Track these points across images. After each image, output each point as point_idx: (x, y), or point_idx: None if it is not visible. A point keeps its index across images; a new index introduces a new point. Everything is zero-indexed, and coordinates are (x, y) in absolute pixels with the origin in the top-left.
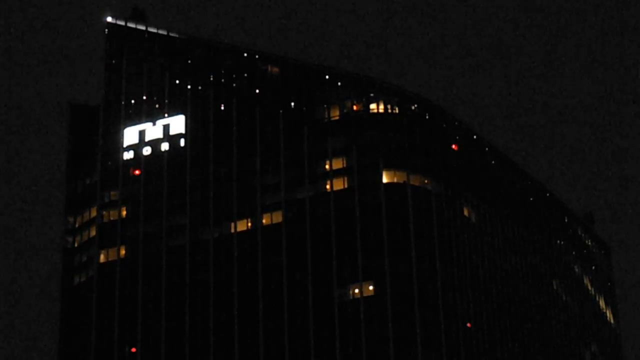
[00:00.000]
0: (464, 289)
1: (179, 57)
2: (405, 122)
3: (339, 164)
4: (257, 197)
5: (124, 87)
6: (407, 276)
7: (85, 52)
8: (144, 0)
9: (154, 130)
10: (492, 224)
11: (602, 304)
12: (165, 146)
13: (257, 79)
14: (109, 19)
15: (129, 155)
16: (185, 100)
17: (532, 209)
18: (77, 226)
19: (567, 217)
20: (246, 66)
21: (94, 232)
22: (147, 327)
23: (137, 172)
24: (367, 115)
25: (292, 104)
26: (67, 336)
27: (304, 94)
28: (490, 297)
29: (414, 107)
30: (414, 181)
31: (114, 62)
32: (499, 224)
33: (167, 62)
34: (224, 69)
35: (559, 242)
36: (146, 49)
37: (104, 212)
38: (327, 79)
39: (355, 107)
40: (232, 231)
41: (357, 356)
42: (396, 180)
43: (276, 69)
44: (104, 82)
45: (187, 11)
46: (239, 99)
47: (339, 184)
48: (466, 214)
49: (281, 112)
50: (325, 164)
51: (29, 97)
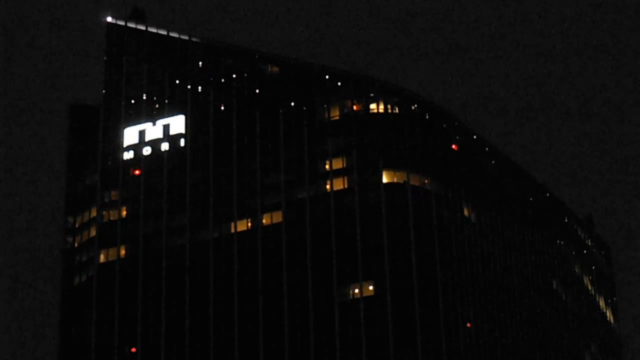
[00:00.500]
0: (464, 289)
1: (179, 57)
2: (405, 122)
3: (339, 164)
4: (257, 197)
5: (124, 87)
6: (407, 276)
7: (85, 52)
8: (144, 0)
9: (154, 130)
10: (492, 223)
11: (602, 304)
12: (165, 146)
13: (257, 79)
14: (109, 19)
15: (129, 155)
16: (185, 100)
17: (532, 209)
18: (77, 226)
19: (567, 217)
20: (246, 66)
21: (94, 232)
22: (147, 327)
23: (137, 172)
24: (367, 115)
25: (292, 104)
26: (67, 336)
27: (304, 94)
28: (490, 297)
29: (414, 107)
30: (414, 181)
31: (114, 62)
32: (499, 224)
33: (167, 62)
34: (224, 69)
35: (559, 242)
36: (146, 49)
37: (104, 212)
38: (327, 79)
39: (355, 107)
40: (232, 231)
41: (357, 356)
42: (396, 180)
43: (276, 69)
44: (104, 82)
45: (187, 11)
46: (239, 99)
47: (339, 184)
48: (466, 214)
49: (281, 112)
50: (325, 164)
51: (29, 97)
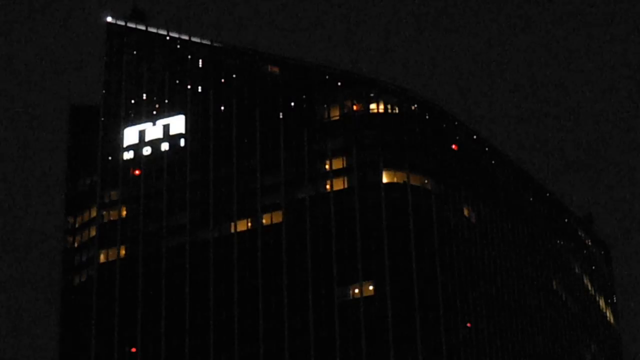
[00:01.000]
0: (464, 289)
1: (179, 57)
2: (405, 122)
3: (339, 164)
4: (257, 197)
5: (124, 87)
6: (407, 276)
7: (85, 52)
8: (143, 0)
9: (154, 130)
10: (492, 224)
11: (602, 304)
12: (165, 146)
13: (257, 79)
14: (109, 19)
15: (129, 155)
16: (185, 100)
17: (532, 209)
18: (77, 226)
19: (567, 217)
20: (246, 66)
21: (94, 232)
22: (147, 327)
23: (137, 172)
24: (367, 115)
25: (292, 104)
26: (67, 336)
27: (304, 94)
28: (490, 297)
29: (414, 107)
30: (414, 181)
31: (114, 62)
32: (499, 224)
33: (167, 62)
34: (223, 69)
35: (559, 242)
36: (146, 49)
37: (104, 212)
38: (327, 79)
39: (355, 107)
40: (232, 231)
41: (357, 356)
42: (396, 180)
43: (276, 69)
44: (104, 82)
45: (187, 11)
46: (239, 99)
47: (339, 184)
48: (466, 214)
49: (281, 112)
50: (325, 164)
51: (29, 97)
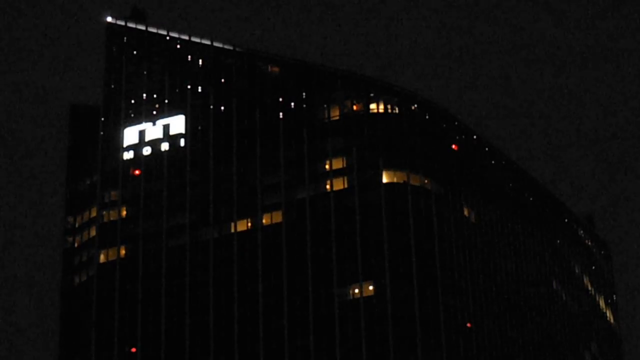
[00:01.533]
0: (464, 289)
1: (179, 57)
2: (405, 122)
3: (339, 164)
4: (257, 197)
5: (124, 87)
6: (407, 276)
7: (85, 52)
8: (144, 0)
9: (154, 130)
10: (492, 224)
11: (602, 304)
12: (165, 146)
13: (257, 79)
14: (109, 19)
15: (129, 155)
16: (185, 100)
17: (532, 209)
18: (77, 226)
19: (567, 217)
20: (246, 66)
21: (94, 232)
22: (147, 327)
23: (137, 172)
24: (367, 115)
25: (292, 104)
26: (67, 336)
27: (304, 94)
28: (490, 297)
29: (414, 107)
30: (414, 181)
31: (114, 62)
32: (499, 224)
33: (167, 62)
34: (224, 69)
35: (559, 242)
36: (146, 49)
37: (104, 212)
38: (327, 79)
39: (355, 107)
40: (232, 231)
41: (357, 356)
42: (396, 180)
43: (276, 69)
44: (104, 82)
45: (187, 11)
46: (239, 99)
47: (339, 184)
48: (466, 214)
49: (281, 112)
50: (325, 164)
51: (29, 97)
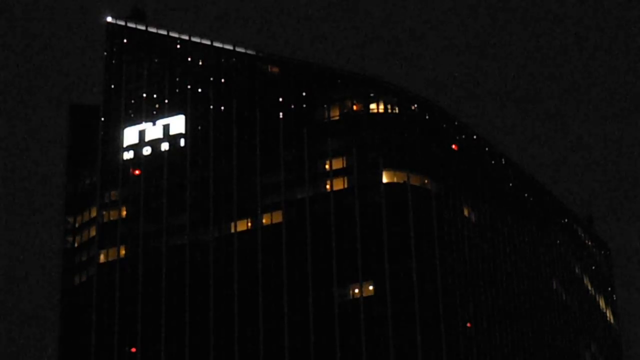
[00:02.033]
0: (464, 289)
1: (179, 57)
2: (405, 122)
3: (339, 164)
4: (257, 197)
5: (124, 87)
6: (407, 276)
7: (85, 52)
8: (144, 0)
9: (154, 130)
10: (492, 223)
11: (602, 304)
12: (165, 146)
13: (257, 79)
14: (109, 19)
15: (129, 155)
16: (185, 100)
17: (532, 209)
18: (77, 226)
19: (567, 217)
20: (246, 66)
21: (94, 232)
22: (147, 327)
23: (137, 172)
24: (367, 115)
25: (292, 104)
26: (67, 336)
27: (304, 94)
28: (490, 297)
29: (414, 107)
30: (414, 181)
31: (114, 62)
32: (499, 224)
33: (167, 62)
34: (224, 69)
35: (559, 242)
36: (146, 49)
37: (104, 212)
38: (327, 79)
39: (355, 107)
40: (232, 231)
41: (357, 356)
42: (396, 180)
43: (276, 69)
44: (104, 82)
45: (187, 11)
46: (239, 99)
47: (339, 184)
48: (466, 214)
49: (281, 112)
50: (325, 164)
51: (29, 97)
